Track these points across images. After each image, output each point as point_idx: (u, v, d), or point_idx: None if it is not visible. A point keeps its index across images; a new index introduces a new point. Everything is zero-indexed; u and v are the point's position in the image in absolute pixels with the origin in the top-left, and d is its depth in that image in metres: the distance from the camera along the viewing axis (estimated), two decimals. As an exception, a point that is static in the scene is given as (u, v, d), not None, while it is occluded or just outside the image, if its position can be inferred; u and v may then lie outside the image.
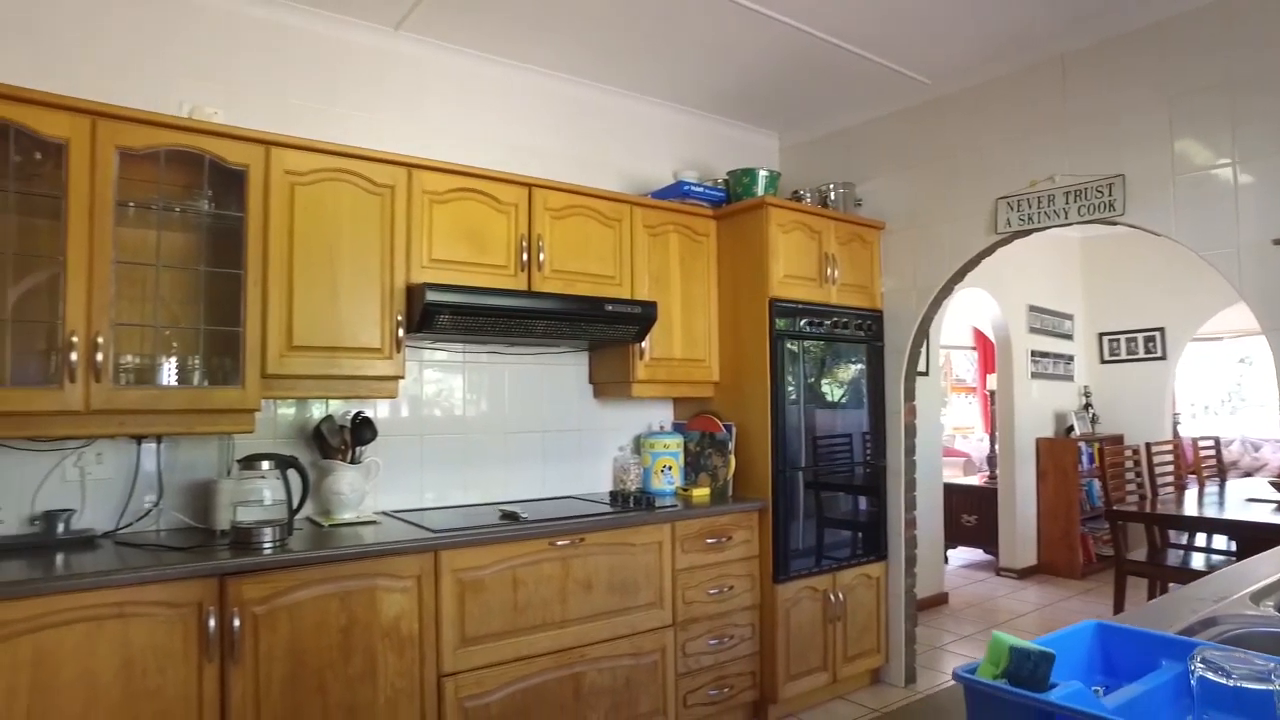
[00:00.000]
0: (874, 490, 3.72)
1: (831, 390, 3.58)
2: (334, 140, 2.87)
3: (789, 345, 3.40)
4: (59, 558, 2.19)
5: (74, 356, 2.19)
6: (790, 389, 3.41)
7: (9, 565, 2.07)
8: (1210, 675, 1.07)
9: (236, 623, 2.16)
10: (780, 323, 3.36)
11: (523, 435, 3.42)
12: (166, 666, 2.07)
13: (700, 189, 3.55)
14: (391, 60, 3.15)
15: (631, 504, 3.15)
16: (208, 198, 2.53)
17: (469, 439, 3.28)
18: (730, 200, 3.62)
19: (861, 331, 3.68)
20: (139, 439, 2.59)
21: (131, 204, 2.40)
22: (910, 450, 3.73)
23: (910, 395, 3.74)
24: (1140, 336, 6.42)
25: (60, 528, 2.38)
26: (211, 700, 2.13)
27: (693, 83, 3.64)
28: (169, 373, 2.45)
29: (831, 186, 3.77)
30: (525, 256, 3.04)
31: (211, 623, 2.13)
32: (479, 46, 3.27)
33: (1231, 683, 1.04)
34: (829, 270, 3.57)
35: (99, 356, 2.22)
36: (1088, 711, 0.98)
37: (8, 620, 1.87)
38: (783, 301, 3.37)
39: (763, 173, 3.55)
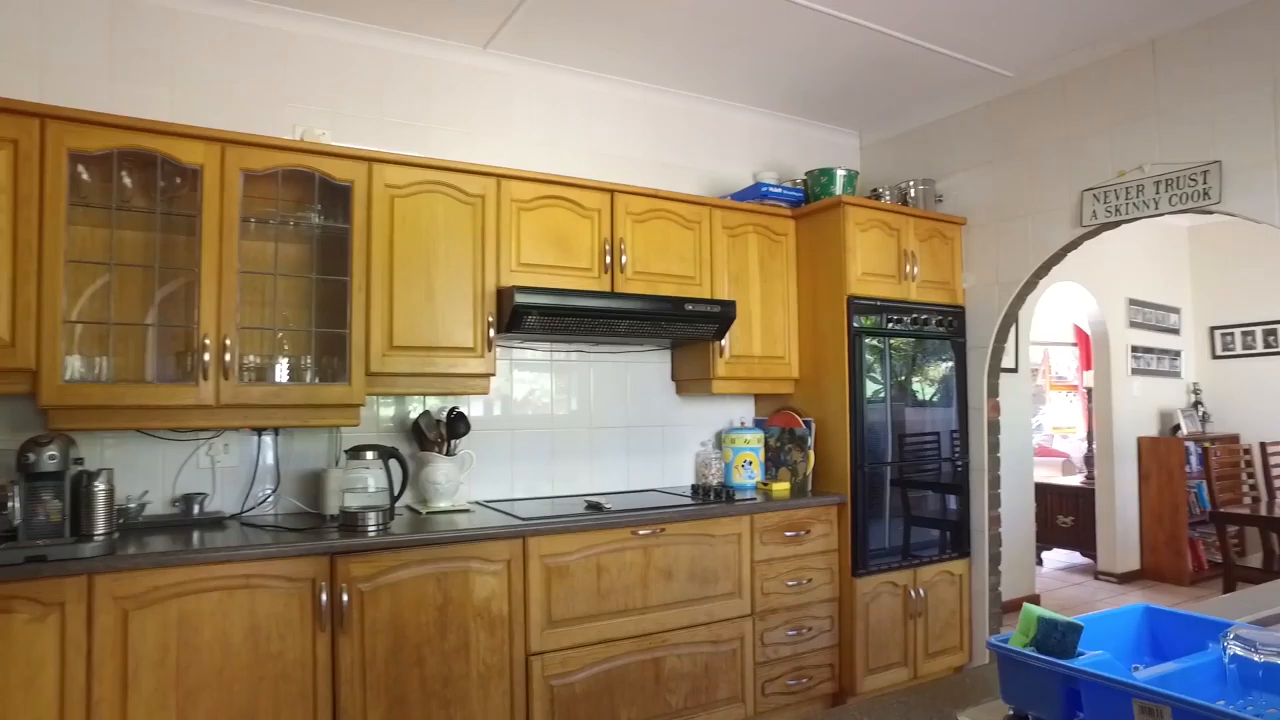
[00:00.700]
0: (957, 487, 3.73)
1: (913, 387, 3.62)
2: (429, 154, 3.13)
3: (868, 342, 3.46)
4: (195, 535, 2.48)
5: (207, 357, 2.48)
6: (870, 385, 3.46)
7: (157, 539, 2.37)
8: (1240, 652, 1.13)
9: (345, 597, 2.40)
10: (858, 320, 3.43)
11: (608, 430, 3.59)
12: (286, 633, 2.33)
13: (778, 190, 3.65)
14: (481, 77, 3.37)
15: (712, 497, 3.28)
16: (317, 211, 2.80)
17: (556, 434, 3.48)
18: (809, 200, 3.70)
19: (942, 328, 3.70)
20: (259, 431, 2.89)
21: (253, 219, 2.69)
22: (994, 447, 3.72)
23: (994, 391, 3.73)
24: (1259, 330, 6.12)
25: (196, 509, 2.70)
26: (324, 666, 2.37)
27: (773, 86, 3.74)
28: (285, 371, 2.73)
29: (911, 183, 3.80)
30: (608, 259, 3.21)
31: (323, 596, 2.38)
32: (563, 60, 3.45)
33: (1259, 658, 1.10)
34: (908, 267, 3.61)
35: (227, 357, 2.51)
36: (1105, 675, 1.06)
37: (160, 585, 2.16)
38: (860, 299, 3.44)
39: (840, 172, 3.62)
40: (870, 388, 3.47)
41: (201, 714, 2.21)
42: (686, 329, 3.27)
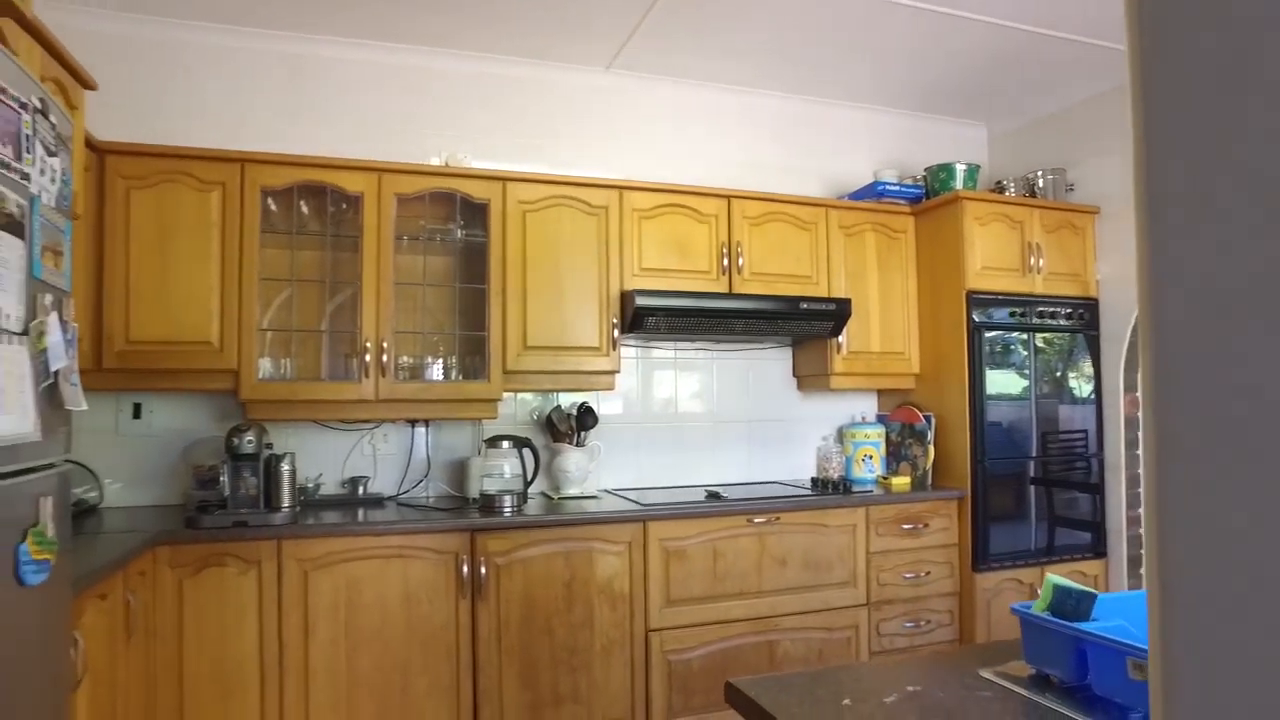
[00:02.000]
0: (1092, 485, 3.69)
1: (1040, 380, 3.62)
2: (559, 169, 3.49)
3: (989, 336, 3.51)
4: (360, 511, 2.96)
5: (368, 358, 2.95)
6: (993, 380, 3.51)
7: (329, 514, 2.86)
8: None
9: (483, 570, 2.79)
10: (978, 314, 3.49)
11: (729, 424, 3.84)
12: (434, 599, 2.75)
13: (896, 188, 3.76)
14: (604, 94, 3.70)
15: (829, 489, 3.45)
16: (459, 226, 3.22)
17: (680, 427, 3.76)
18: (928, 196, 3.78)
19: (1073, 321, 3.68)
20: (413, 423, 3.35)
21: (405, 236, 3.14)
22: (1132, 444, 3.65)
23: (1131, 386, 3.66)
24: None
25: (360, 489, 3.19)
26: (465, 629, 2.77)
27: (892, 84, 3.84)
28: (433, 370, 3.16)
29: (1040, 174, 3.79)
30: (725, 261, 3.45)
31: (464, 568, 2.78)
32: (681, 74, 3.73)
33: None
34: (1032, 259, 3.62)
35: (384, 358, 2.96)
36: (1105, 637, 1.22)
37: (332, 551, 2.63)
38: (980, 293, 3.50)
39: (960, 167, 3.68)
40: (994, 382, 3.52)
41: (365, 662, 2.66)
42: (802, 327, 3.46)
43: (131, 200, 2.74)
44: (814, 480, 3.72)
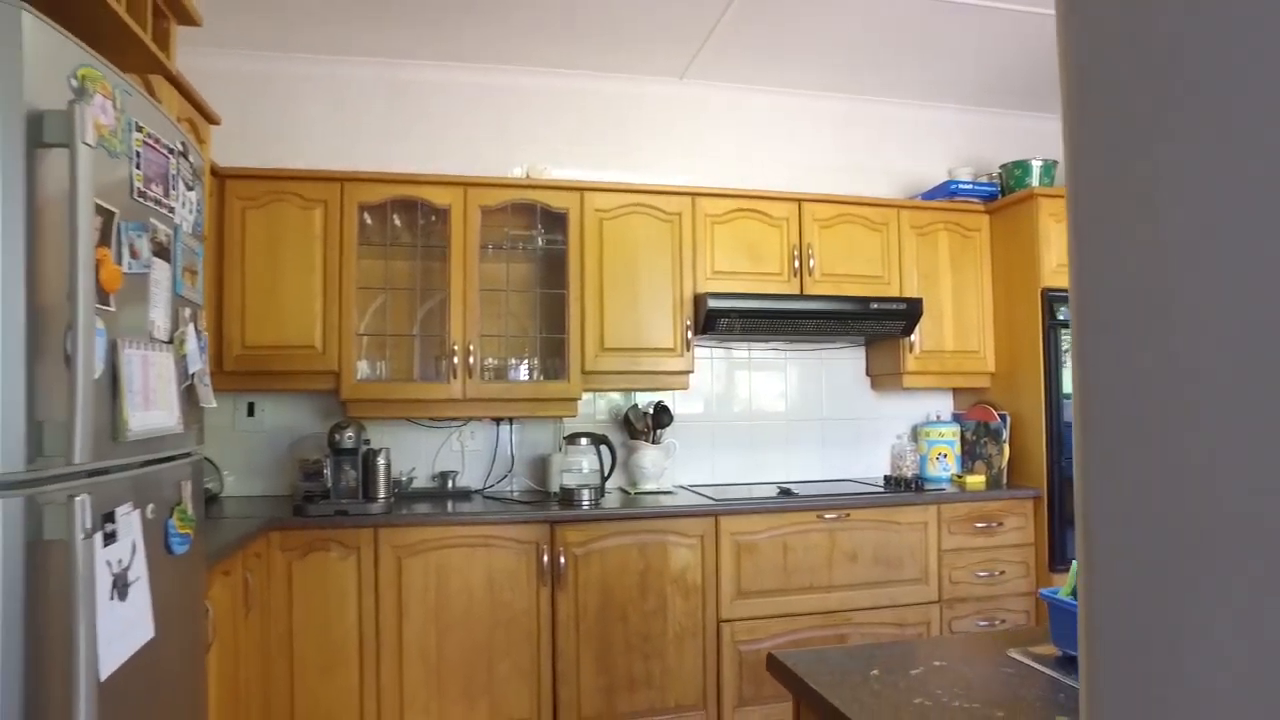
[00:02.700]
0: (1180, 486, 3.66)
1: (1123, 380, 3.61)
2: (635, 177, 3.69)
3: (1066, 334, 3.54)
4: (449, 503, 3.22)
5: (455, 360, 3.21)
6: (1070, 377, 3.53)
7: (421, 505, 3.13)
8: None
9: (562, 559, 3.01)
10: (1056, 312, 3.52)
11: (803, 423, 3.96)
12: (515, 586, 2.98)
13: (969, 186, 3.81)
14: (677, 103, 3.88)
15: (903, 488, 3.54)
16: (540, 235, 3.46)
17: (754, 426, 3.91)
18: (1004, 194, 3.82)
19: (1157, 318, 3.65)
20: (498, 421, 3.60)
21: (490, 245, 3.40)
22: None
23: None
24: None
25: (449, 483, 3.46)
26: (545, 615, 3.00)
27: (963, 81, 3.90)
28: (516, 370, 3.41)
29: (1122, 168, 3.77)
30: (796, 263, 3.59)
31: (545, 558, 3.00)
32: (752, 81, 3.88)
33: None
34: (1113, 257, 3.61)
35: (471, 359, 3.22)
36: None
37: (423, 539, 2.90)
38: (1057, 291, 3.52)
39: (1036, 163, 3.71)
40: (1064, 379, 3.54)
41: (453, 643, 2.91)
42: (873, 326, 3.57)
43: (246, 219, 3.07)
44: (887, 478, 3.81)
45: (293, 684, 2.80)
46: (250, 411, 3.40)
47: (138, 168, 1.50)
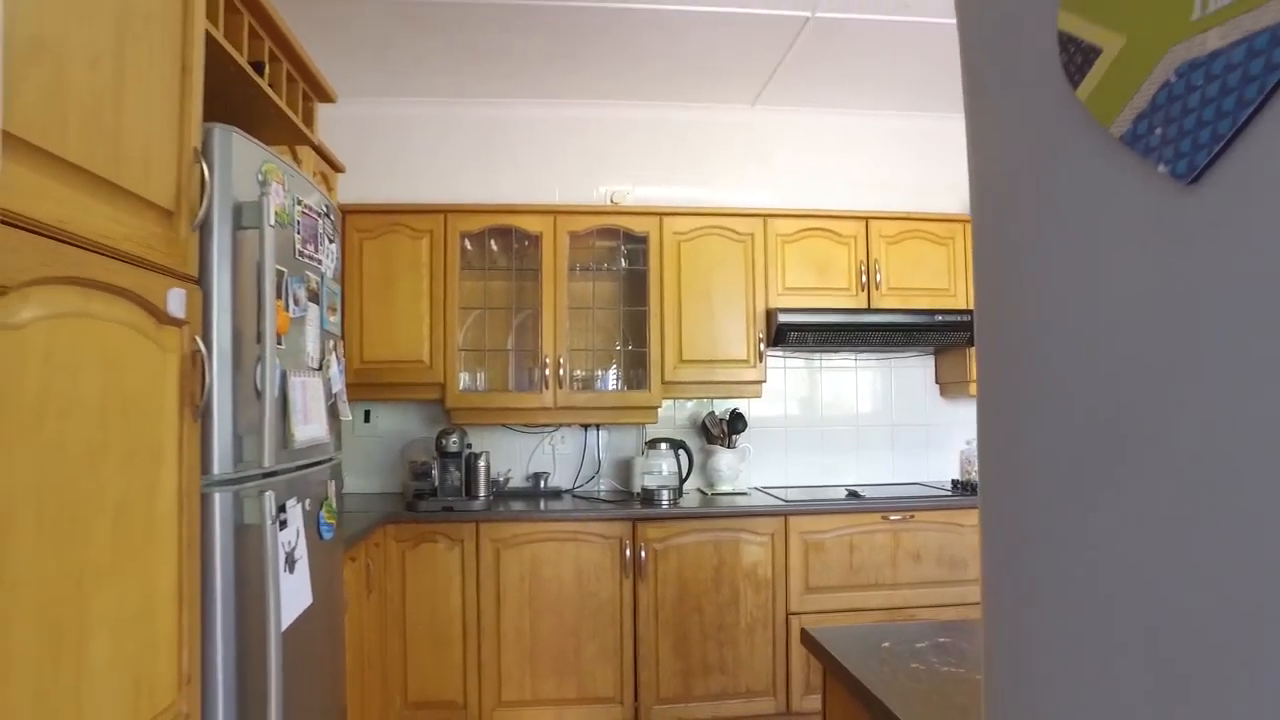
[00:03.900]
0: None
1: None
2: (710, 199, 4.03)
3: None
4: (542, 501, 3.63)
5: (547, 371, 3.62)
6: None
7: (517, 503, 3.55)
8: None
9: (643, 554, 3.38)
10: (1121, 324, 3.68)
11: (873, 429, 4.23)
12: (601, 577, 3.37)
13: (1037, 200, 3.99)
14: (750, 129, 4.20)
15: (971, 491, 3.77)
16: (623, 256, 3.84)
17: (826, 430, 4.20)
18: (1072, 206, 3.98)
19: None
20: (585, 427, 4.00)
21: (577, 266, 3.79)
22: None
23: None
24: None
25: (542, 484, 3.88)
26: (628, 604, 3.37)
27: (1034, 96, 4.07)
28: (601, 381, 3.80)
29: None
30: (864, 278, 3.86)
31: (627, 552, 3.37)
32: (820, 104, 4.16)
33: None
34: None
35: (561, 371, 3.62)
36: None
37: (519, 533, 3.31)
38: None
39: (1103, 178, 3.86)
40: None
41: (545, 627, 3.32)
42: (939, 337, 3.81)
43: (364, 249, 3.55)
44: (955, 482, 4.04)
45: (406, 657, 3.26)
46: (367, 418, 3.89)
47: (298, 233, 1.93)
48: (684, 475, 3.72)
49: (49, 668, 1.08)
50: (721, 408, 4.09)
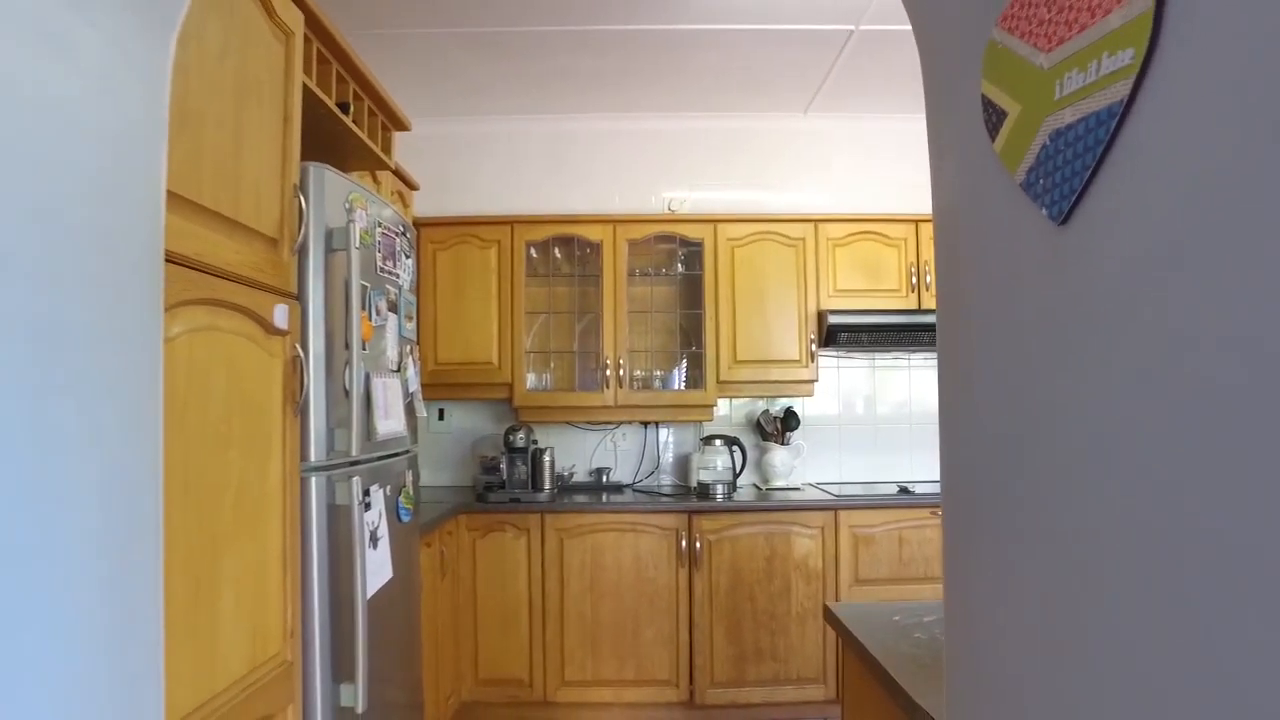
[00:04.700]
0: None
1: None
2: (763, 205, 4.24)
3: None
4: (603, 495, 3.89)
5: (608, 372, 3.88)
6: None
7: (580, 496, 3.83)
8: None
9: (698, 544, 3.61)
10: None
11: (926, 426, 4.37)
12: (658, 565, 3.61)
13: (1089, 200, 4.07)
14: (801, 137, 4.38)
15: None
16: (679, 261, 4.07)
17: (878, 428, 4.36)
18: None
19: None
20: (645, 424, 4.24)
21: (636, 271, 4.04)
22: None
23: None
24: None
25: (604, 478, 4.14)
26: (683, 591, 3.60)
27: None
28: (661, 381, 4.04)
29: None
30: (914, 280, 4.01)
31: (683, 543, 3.61)
32: (869, 110, 4.32)
33: None
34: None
35: (621, 372, 3.88)
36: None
37: (581, 524, 3.58)
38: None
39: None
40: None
41: (605, 611, 3.58)
42: (990, 337, 3.93)
43: (437, 259, 3.87)
44: (1009, 480, 4.14)
45: (477, 636, 3.56)
46: (441, 416, 4.22)
47: (378, 251, 2.22)
48: (738, 470, 3.94)
49: (193, 611, 1.37)
50: (776, 406, 4.29)
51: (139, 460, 1.10)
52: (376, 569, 2.13)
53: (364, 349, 2.08)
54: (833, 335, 3.89)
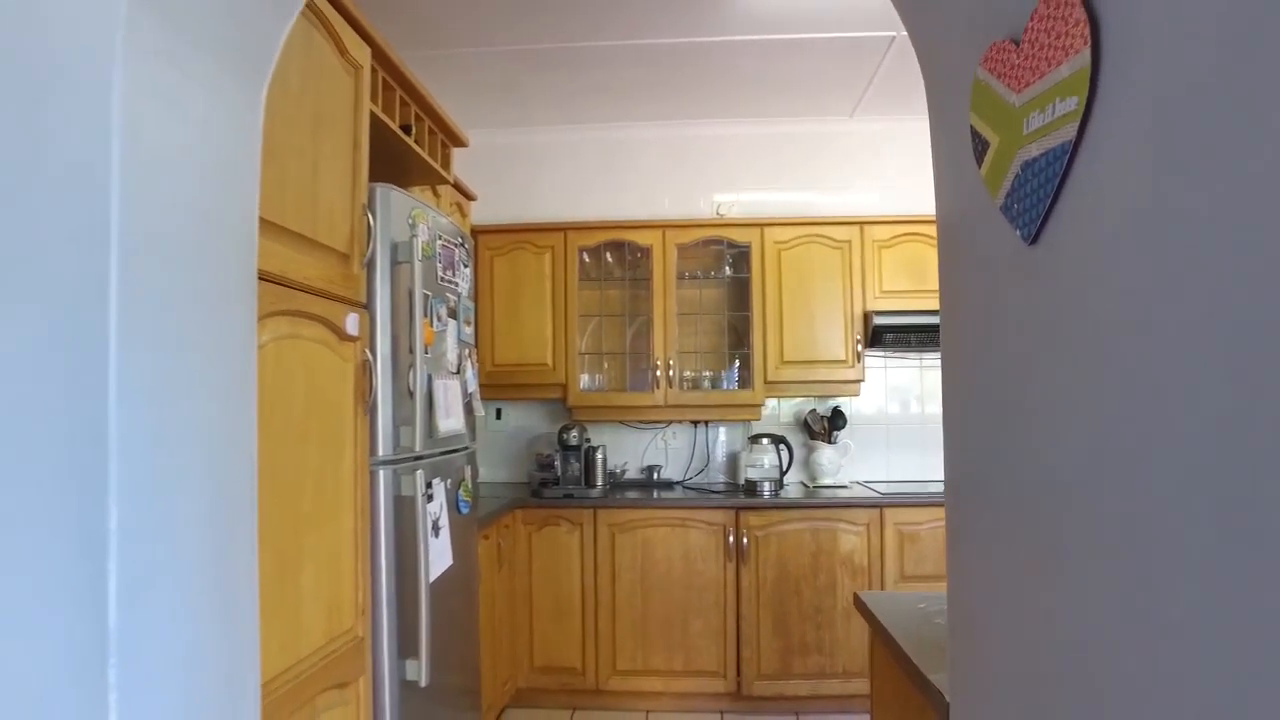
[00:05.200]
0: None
1: None
2: (810, 207, 4.35)
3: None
4: (654, 491, 4.05)
5: (658, 373, 4.03)
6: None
7: (631, 492, 3.99)
8: None
9: (745, 540, 3.74)
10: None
11: (975, 427, 4.41)
12: (707, 559, 3.75)
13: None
14: (848, 139, 4.48)
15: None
16: (727, 264, 4.21)
17: (926, 427, 4.43)
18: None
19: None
20: (695, 423, 4.39)
21: (685, 275, 4.19)
22: None
23: None
24: None
25: (654, 475, 4.30)
26: (730, 585, 3.74)
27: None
28: (709, 381, 4.18)
29: None
30: (961, 280, 4.07)
31: (730, 538, 3.74)
32: (916, 112, 4.34)
33: None
34: None
35: (671, 372, 4.03)
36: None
37: (632, 519, 3.75)
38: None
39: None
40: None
41: (655, 603, 3.73)
42: (1037, 337, 3.98)
43: (494, 265, 4.08)
44: (1058, 479, 4.18)
45: (531, 626, 3.75)
46: (498, 416, 4.43)
47: (439, 262, 2.41)
48: (784, 468, 4.06)
49: (279, 586, 1.57)
50: (824, 406, 4.39)
51: (237, 453, 1.29)
52: (438, 556, 2.32)
53: (426, 353, 2.27)
54: (878, 336, 3.98)
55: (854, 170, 4.49)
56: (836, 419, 4.26)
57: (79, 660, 0.95)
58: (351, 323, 1.93)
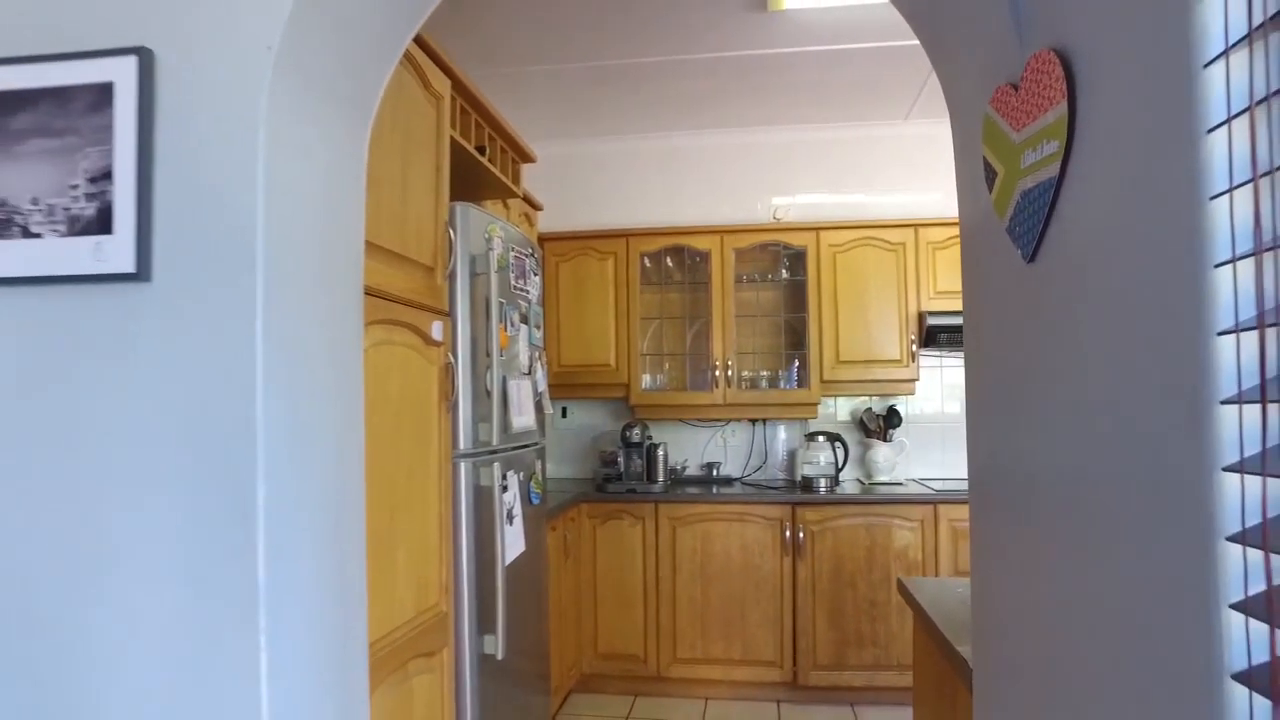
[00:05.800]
0: None
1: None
2: (866, 208, 4.49)
3: None
4: (713, 487, 4.24)
5: (717, 372, 4.22)
6: None
7: (691, 488, 4.19)
8: None
9: (801, 535, 3.90)
10: None
11: (1032, 425, 4.49)
12: (764, 553, 3.92)
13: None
14: (902, 141, 4.59)
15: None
16: (784, 267, 4.37)
17: (983, 427, 4.51)
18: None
19: None
20: (753, 421, 4.56)
21: (743, 278, 4.37)
22: None
23: None
24: None
25: (714, 472, 4.48)
26: (787, 578, 3.90)
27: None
28: (767, 380, 4.35)
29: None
30: (1017, 280, 4.16)
31: (787, 533, 3.91)
32: (977, 115, 4.48)
33: None
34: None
35: (729, 372, 4.21)
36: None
37: (693, 513, 3.94)
38: None
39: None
40: None
41: (714, 595, 3.92)
42: (1093, 337, 4.05)
43: (560, 271, 4.31)
44: (1116, 478, 4.24)
45: (596, 614, 3.97)
46: (564, 414, 4.66)
47: (512, 272, 2.64)
48: (840, 465, 4.20)
49: (376, 562, 1.80)
50: (880, 404, 4.52)
51: (350, 445, 1.52)
52: (512, 541, 2.55)
53: (501, 355, 2.50)
54: (933, 336, 4.10)
55: (908, 173, 4.61)
56: (892, 417, 4.39)
57: (239, 609, 1.18)
58: (436, 329, 2.16)
